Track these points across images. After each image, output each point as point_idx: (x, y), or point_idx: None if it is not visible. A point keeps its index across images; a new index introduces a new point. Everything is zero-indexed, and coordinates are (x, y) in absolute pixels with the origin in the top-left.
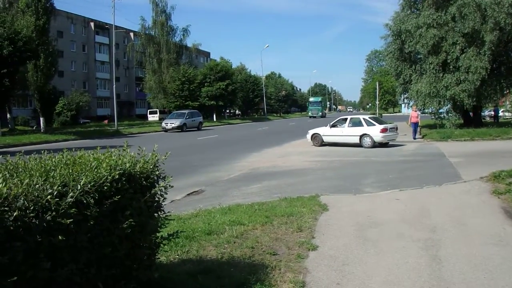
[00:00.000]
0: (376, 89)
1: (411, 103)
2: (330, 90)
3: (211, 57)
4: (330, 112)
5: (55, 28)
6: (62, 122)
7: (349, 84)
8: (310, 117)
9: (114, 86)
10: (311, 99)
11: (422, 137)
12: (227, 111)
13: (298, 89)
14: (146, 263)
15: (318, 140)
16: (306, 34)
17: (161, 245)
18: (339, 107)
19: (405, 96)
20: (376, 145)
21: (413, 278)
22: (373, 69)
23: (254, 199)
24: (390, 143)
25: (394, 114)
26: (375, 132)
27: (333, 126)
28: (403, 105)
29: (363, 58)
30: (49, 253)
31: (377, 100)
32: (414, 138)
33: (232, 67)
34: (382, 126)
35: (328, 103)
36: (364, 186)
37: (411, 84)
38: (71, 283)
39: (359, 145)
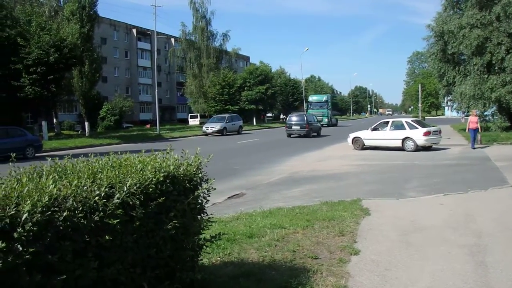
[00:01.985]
0: (418, 91)
1: (454, 106)
2: (371, 93)
3: (250, 61)
4: (371, 115)
5: (99, 35)
6: (106, 127)
7: (390, 87)
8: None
9: (156, 91)
10: (312, 97)
11: (484, 147)
12: (267, 114)
13: (338, 93)
14: (189, 264)
15: (359, 144)
16: (345, 36)
17: (204, 247)
18: (380, 110)
19: (449, 98)
20: (419, 148)
21: (458, 284)
22: (415, 71)
23: (294, 202)
24: (433, 146)
25: (437, 117)
26: (418, 135)
27: (375, 129)
28: (446, 108)
29: (404, 60)
30: (97, 253)
31: (420, 102)
32: (473, 148)
33: (272, 70)
34: (425, 129)
35: (369, 106)
36: (407, 190)
37: (455, 86)
38: (117, 283)
39: (401, 148)
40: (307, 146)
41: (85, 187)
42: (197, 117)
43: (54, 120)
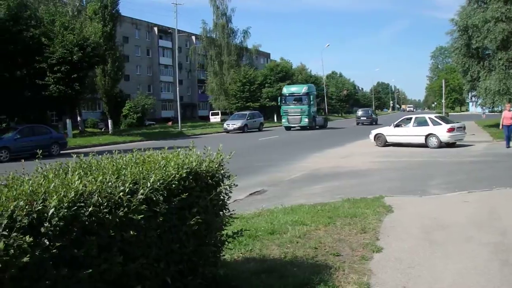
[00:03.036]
0: (442, 87)
1: (479, 101)
2: (393, 89)
3: (271, 58)
4: (393, 111)
5: (121, 34)
6: (129, 124)
7: (413, 83)
8: (287, 128)
9: (177, 89)
10: (286, 89)
11: None
12: None
13: (360, 89)
14: (211, 260)
15: (381, 140)
16: (366, 31)
17: (226, 243)
18: (403, 106)
19: (473, 94)
20: (442, 145)
21: (482, 283)
22: (439, 66)
23: (316, 199)
24: (457, 143)
25: (462, 113)
26: (442, 131)
27: (397, 125)
28: (470, 104)
29: (427, 55)
30: (121, 248)
31: (443, 98)
32: (508, 146)
33: (293, 67)
34: (449, 126)
35: (391, 102)
36: (430, 187)
37: (479, 81)
38: (141, 277)
39: (424, 145)
40: (328, 143)
41: (110, 183)
42: (218, 114)
43: (78, 118)
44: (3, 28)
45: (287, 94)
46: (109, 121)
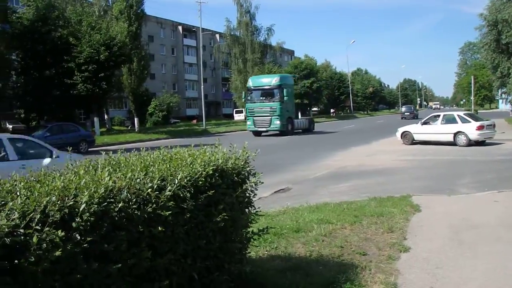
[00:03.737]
0: (470, 83)
1: (509, 98)
2: (420, 85)
3: (295, 55)
4: (420, 108)
5: (146, 33)
6: (154, 122)
7: (441, 79)
8: (255, 133)
9: (202, 87)
10: (252, 81)
11: None
12: (313, 109)
13: (386, 86)
14: (237, 256)
15: (408, 138)
16: (393, 27)
17: (251, 240)
18: (430, 103)
19: (503, 91)
20: (471, 143)
21: None
22: (467, 62)
23: (341, 198)
24: (487, 141)
25: (491, 110)
26: (471, 129)
27: (425, 123)
28: (500, 101)
29: (456, 50)
30: (150, 243)
31: (472, 95)
32: None
33: (317, 64)
34: (478, 123)
35: (418, 99)
36: (459, 186)
37: (510, 78)
38: (169, 272)
39: (453, 143)
40: (354, 141)
41: (138, 179)
42: (242, 112)
43: (105, 116)
44: (32, 29)
45: (253, 87)
46: (135, 119)
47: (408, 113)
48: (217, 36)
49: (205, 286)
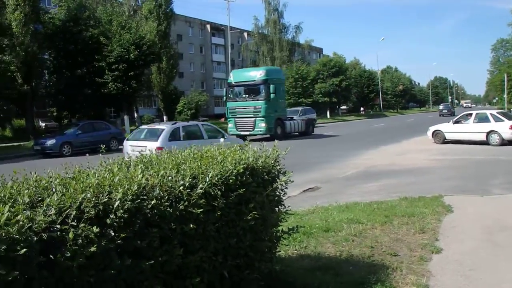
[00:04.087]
0: (503, 81)
1: None
2: (451, 83)
3: (323, 53)
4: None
5: (175, 32)
6: (183, 120)
7: (472, 77)
8: (238, 137)
9: None
10: (234, 76)
11: None
12: (342, 107)
13: (417, 83)
14: (267, 255)
15: (439, 137)
16: (423, 24)
17: (281, 239)
18: (462, 102)
19: None
20: (505, 142)
21: None
22: (500, 59)
23: (371, 197)
24: None
25: None
26: (504, 128)
27: (457, 122)
28: None
29: (487, 48)
30: (181, 240)
31: (505, 93)
32: None
33: (346, 62)
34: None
35: (449, 97)
36: (492, 187)
37: None
38: (200, 270)
39: (485, 142)
40: (384, 139)
41: (170, 177)
42: None
43: (135, 114)
44: (64, 29)
45: (235, 83)
46: (164, 117)
47: (446, 111)
48: (245, 34)
49: (235, 284)
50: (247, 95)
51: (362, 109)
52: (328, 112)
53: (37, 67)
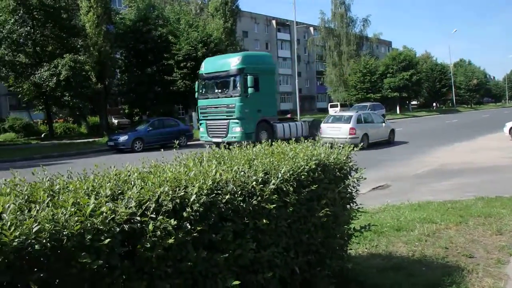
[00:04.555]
0: None
1: None
2: None
3: (392, 47)
4: None
5: (241, 29)
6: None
7: None
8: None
9: (296, 81)
10: (207, 64)
11: None
12: (412, 102)
13: (492, 77)
14: (339, 253)
15: None
16: (498, 14)
17: (353, 237)
18: None
19: None
20: None
21: None
22: None
23: (444, 196)
24: None
25: None
26: None
27: None
28: None
29: None
30: (254, 235)
31: None
32: None
33: (416, 55)
34: None
35: None
36: None
37: None
38: (272, 265)
39: None
40: (457, 136)
41: (242, 172)
42: (337, 106)
43: None
44: (134, 29)
45: (206, 75)
46: None
47: None
48: (311, 29)
49: (306, 280)
50: (219, 90)
51: (434, 104)
52: (398, 108)
53: (110, 66)
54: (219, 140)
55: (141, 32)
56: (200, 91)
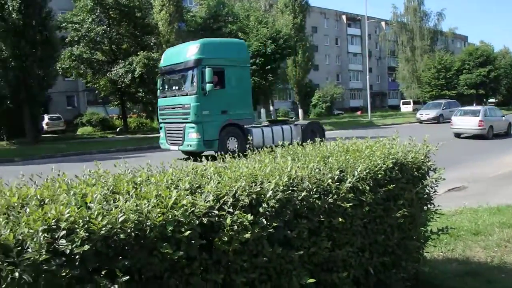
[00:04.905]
0: None
1: None
2: None
3: (468, 42)
4: None
5: (310, 24)
6: (318, 113)
7: None
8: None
9: (367, 77)
10: (165, 56)
11: None
12: (489, 100)
13: None
14: (415, 255)
15: None
16: None
17: (430, 239)
18: None
19: None
20: None
21: None
22: None
23: None
24: None
25: None
26: None
27: None
28: None
29: None
30: (329, 234)
31: None
32: None
33: (494, 51)
34: None
35: None
36: None
37: None
38: (346, 264)
39: None
40: None
41: (317, 169)
42: (410, 104)
43: (271, 108)
44: (205, 26)
45: (163, 68)
46: (300, 110)
47: None
48: (383, 23)
49: (381, 281)
50: (177, 87)
51: None
52: (474, 105)
53: None
54: (176, 147)
55: (212, 29)
56: (160, 88)
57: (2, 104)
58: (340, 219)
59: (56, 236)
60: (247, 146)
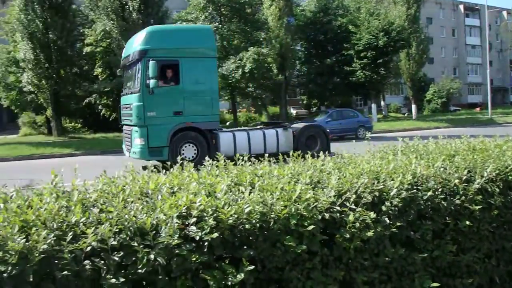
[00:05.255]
0: None
1: None
2: None
3: None
4: None
5: (424, 15)
6: (432, 110)
7: None
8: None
9: (488, 71)
10: (126, 47)
11: None
12: None
13: None
14: None
15: None
16: None
17: None
18: None
19: None
20: None
21: None
22: None
23: None
24: None
25: None
26: None
27: None
28: None
29: None
30: (454, 237)
31: None
32: None
33: None
34: None
35: None
36: None
37: None
38: (469, 271)
39: None
40: None
41: (442, 169)
42: None
43: (382, 103)
44: (314, 20)
45: (122, 62)
46: (413, 106)
47: None
48: (504, 13)
49: None
50: (129, 83)
51: None
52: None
53: (290, 58)
54: (127, 154)
55: (321, 23)
56: (123, 84)
57: None
58: (468, 222)
59: (187, 223)
60: (215, 154)
